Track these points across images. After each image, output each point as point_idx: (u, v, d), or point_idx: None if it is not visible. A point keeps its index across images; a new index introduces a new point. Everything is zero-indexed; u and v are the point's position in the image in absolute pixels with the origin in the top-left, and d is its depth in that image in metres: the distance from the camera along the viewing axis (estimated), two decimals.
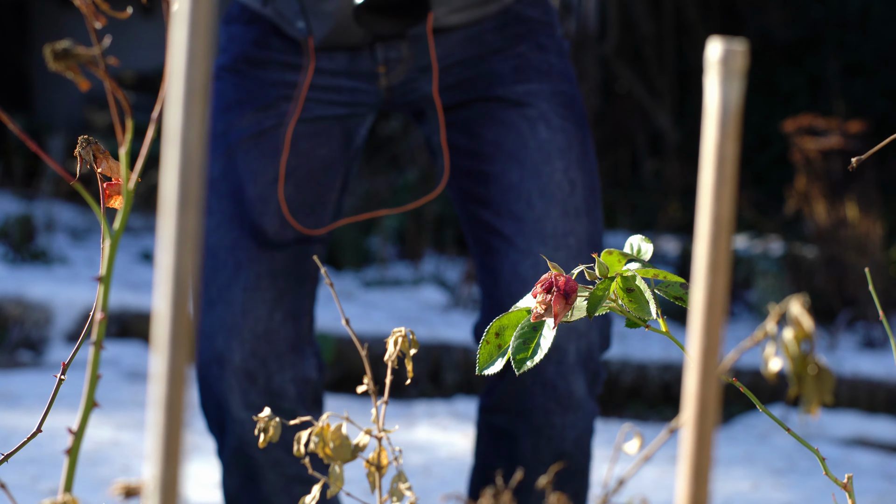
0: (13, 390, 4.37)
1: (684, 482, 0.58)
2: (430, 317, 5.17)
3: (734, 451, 4.05)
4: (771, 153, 8.66)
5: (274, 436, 1.08)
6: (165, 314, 0.58)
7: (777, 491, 3.65)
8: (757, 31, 8.84)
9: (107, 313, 0.72)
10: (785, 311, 0.64)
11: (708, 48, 0.59)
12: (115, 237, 0.73)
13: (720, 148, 0.58)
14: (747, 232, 7.40)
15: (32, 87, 10.50)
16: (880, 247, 5.71)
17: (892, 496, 3.65)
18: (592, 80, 7.06)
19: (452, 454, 3.82)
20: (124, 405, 4.20)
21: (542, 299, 0.90)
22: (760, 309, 5.78)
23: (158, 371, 0.58)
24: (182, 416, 0.57)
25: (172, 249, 0.58)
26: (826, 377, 0.66)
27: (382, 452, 1.06)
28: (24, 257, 6.30)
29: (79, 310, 5.26)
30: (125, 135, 0.74)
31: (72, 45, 0.73)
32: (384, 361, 1.08)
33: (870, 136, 5.76)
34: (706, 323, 0.58)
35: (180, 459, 0.57)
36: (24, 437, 1.15)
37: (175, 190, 0.58)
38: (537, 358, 0.91)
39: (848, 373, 4.74)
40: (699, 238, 0.59)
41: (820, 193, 5.68)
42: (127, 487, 0.68)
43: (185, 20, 0.57)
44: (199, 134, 0.58)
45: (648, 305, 0.89)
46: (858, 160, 1.05)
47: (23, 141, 2.43)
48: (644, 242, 0.94)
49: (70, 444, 0.72)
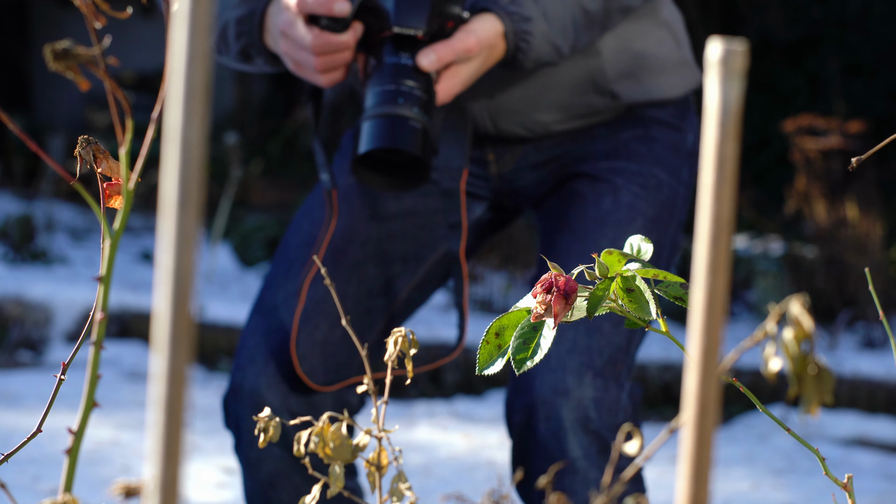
0: (13, 390, 4.37)
1: (684, 482, 0.58)
2: (430, 317, 5.17)
3: (734, 451, 4.05)
4: (771, 153, 8.66)
5: (274, 436, 1.08)
6: (165, 314, 0.58)
7: (777, 491, 3.65)
8: (757, 31, 8.84)
9: (107, 313, 0.72)
10: (785, 311, 0.64)
11: (708, 48, 0.59)
12: (115, 237, 0.73)
13: (720, 148, 0.58)
14: (747, 232, 7.40)
15: (32, 87, 10.50)
16: (880, 247, 5.71)
17: (892, 496, 3.65)
18: None
19: (452, 454, 3.82)
20: (124, 405, 4.20)
21: (542, 299, 0.90)
22: (760, 309, 5.78)
23: (158, 371, 0.58)
24: (182, 416, 0.57)
25: (172, 249, 0.58)
26: (826, 377, 0.66)
27: (382, 452, 1.06)
28: (24, 257, 6.30)
29: (79, 310, 5.26)
30: (125, 135, 0.74)
31: (72, 45, 0.73)
32: (384, 361, 1.08)
33: (870, 136, 5.76)
34: (706, 323, 0.58)
35: (180, 459, 0.57)
36: (24, 437, 1.15)
37: (175, 190, 0.58)
38: (537, 358, 0.91)
39: (848, 373, 4.74)
40: (699, 238, 0.58)
41: (820, 193, 5.68)
42: (127, 487, 0.68)
43: (185, 20, 0.57)
44: (199, 134, 0.58)
45: (648, 305, 0.89)
46: (858, 160, 1.05)
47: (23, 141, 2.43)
48: (644, 242, 0.94)
49: (70, 444, 0.72)
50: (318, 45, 1.68)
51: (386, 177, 1.69)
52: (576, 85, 1.86)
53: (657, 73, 1.89)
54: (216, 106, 9.81)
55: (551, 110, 1.87)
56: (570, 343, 1.72)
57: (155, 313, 0.59)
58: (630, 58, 1.87)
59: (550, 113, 1.87)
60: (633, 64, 1.88)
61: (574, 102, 1.87)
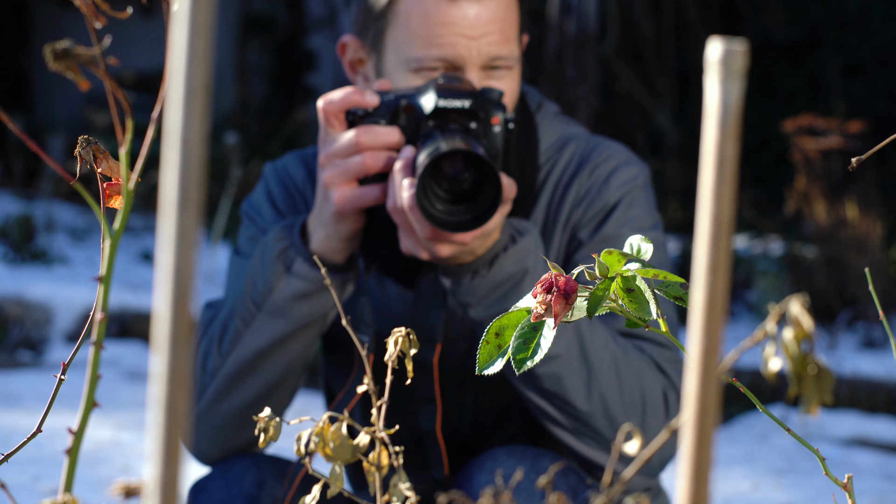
0: (13, 390, 4.37)
1: (684, 482, 0.58)
2: None
3: (734, 451, 4.05)
4: (771, 153, 8.67)
5: (274, 436, 1.08)
6: (165, 314, 0.58)
7: (777, 491, 3.65)
8: (757, 31, 8.84)
9: (107, 313, 0.72)
10: (785, 311, 0.64)
11: (708, 48, 0.59)
12: (115, 237, 0.73)
13: (720, 148, 0.58)
14: (747, 232, 7.40)
15: (32, 87, 10.50)
16: (880, 247, 5.71)
17: (892, 496, 3.65)
18: (592, 80, 7.06)
19: None
20: (124, 405, 4.20)
21: (542, 299, 0.90)
22: (760, 309, 5.78)
23: (158, 371, 0.58)
24: (182, 416, 0.57)
25: (172, 249, 0.58)
26: (826, 377, 0.66)
27: (382, 452, 1.06)
28: (24, 257, 6.30)
29: (79, 310, 5.26)
30: (125, 135, 0.74)
31: (72, 45, 0.73)
32: (384, 361, 1.08)
33: (870, 136, 5.76)
34: (706, 323, 0.58)
35: (180, 459, 0.57)
36: (24, 437, 1.15)
37: (175, 190, 0.58)
38: (537, 358, 0.91)
39: (848, 373, 4.74)
40: (699, 238, 0.58)
41: (820, 193, 5.68)
42: (127, 487, 0.68)
43: (185, 20, 0.57)
44: (199, 134, 0.58)
45: (648, 305, 0.89)
46: (858, 160, 1.05)
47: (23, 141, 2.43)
48: (644, 242, 0.94)
49: (70, 444, 0.72)
50: (363, 135, 1.60)
51: (455, 206, 1.57)
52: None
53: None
54: (216, 106, 9.81)
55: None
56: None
57: (155, 313, 0.58)
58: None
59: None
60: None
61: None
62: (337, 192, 1.62)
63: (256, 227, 1.79)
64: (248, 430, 1.71)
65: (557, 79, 6.89)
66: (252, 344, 1.67)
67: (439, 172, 1.56)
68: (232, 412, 1.69)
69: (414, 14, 1.66)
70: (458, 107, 1.60)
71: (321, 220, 1.65)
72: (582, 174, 1.76)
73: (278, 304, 1.66)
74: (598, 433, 1.66)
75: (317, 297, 1.66)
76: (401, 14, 1.67)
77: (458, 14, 1.65)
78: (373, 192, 1.62)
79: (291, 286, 1.65)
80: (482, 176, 1.55)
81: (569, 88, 6.93)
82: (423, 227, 1.56)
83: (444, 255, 1.59)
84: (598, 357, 1.64)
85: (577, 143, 1.79)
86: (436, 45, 1.66)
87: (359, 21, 1.73)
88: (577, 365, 1.63)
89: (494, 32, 1.67)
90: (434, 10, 1.65)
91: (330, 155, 1.62)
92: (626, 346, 1.67)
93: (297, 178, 1.82)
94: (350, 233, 1.65)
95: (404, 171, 1.59)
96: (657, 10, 9.11)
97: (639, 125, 9.17)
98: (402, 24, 1.67)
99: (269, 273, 1.66)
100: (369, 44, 1.72)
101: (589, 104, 6.91)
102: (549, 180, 1.77)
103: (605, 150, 1.78)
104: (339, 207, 1.62)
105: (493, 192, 1.55)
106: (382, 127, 1.61)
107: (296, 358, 1.69)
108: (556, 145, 1.79)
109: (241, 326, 1.68)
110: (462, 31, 1.65)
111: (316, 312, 1.67)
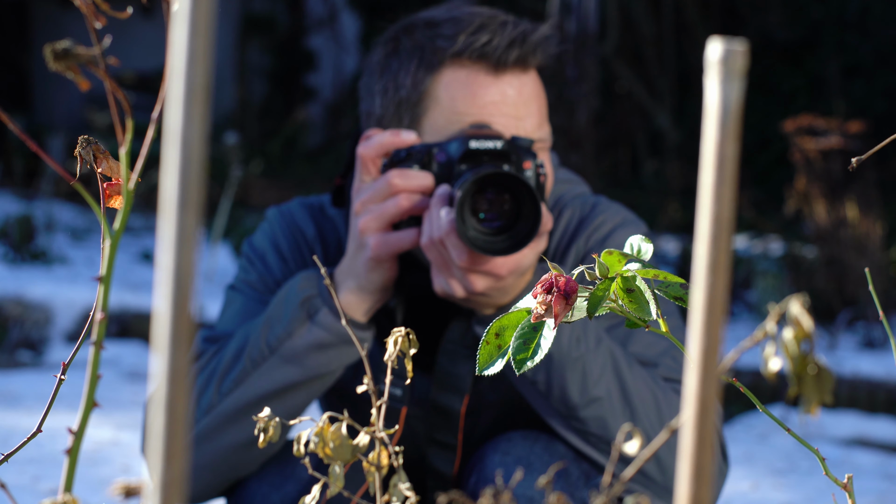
0: (13, 390, 4.37)
1: (684, 482, 0.58)
2: None
3: (734, 451, 4.05)
4: (771, 153, 8.67)
5: (274, 436, 1.08)
6: (165, 314, 0.58)
7: (777, 491, 3.65)
8: (757, 31, 8.84)
9: (107, 313, 0.72)
10: (785, 311, 0.64)
11: (708, 48, 0.59)
12: (115, 237, 0.73)
13: (720, 148, 0.58)
14: (747, 232, 7.40)
15: (32, 87, 10.50)
16: (880, 247, 5.72)
17: (892, 496, 3.65)
18: (592, 80, 7.05)
19: None
20: (124, 405, 4.20)
21: (543, 299, 0.90)
22: (760, 309, 5.78)
23: (158, 371, 0.58)
24: (182, 416, 0.57)
25: (172, 249, 0.58)
26: (826, 377, 0.66)
27: (383, 452, 1.06)
28: (24, 257, 6.30)
29: (79, 310, 5.26)
30: (125, 135, 0.74)
31: (72, 45, 0.73)
32: (383, 361, 1.08)
33: (870, 136, 5.77)
34: (706, 323, 0.58)
35: (180, 459, 0.57)
36: (24, 437, 1.15)
37: (175, 190, 0.58)
38: (537, 358, 0.91)
39: (848, 373, 4.74)
40: (699, 238, 0.58)
41: (820, 193, 5.68)
42: (127, 487, 0.68)
43: (185, 20, 0.57)
44: (199, 134, 0.58)
45: (648, 305, 0.89)
46: (858, 160, 1.05)
47: (23, 141, 2.43)
48: (644, 242, 0.94)
49: (70, 444, 0.72)
50: (398, 177, 1.61)
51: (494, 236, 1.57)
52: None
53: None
54: (216, 106, 9.81)
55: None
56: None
57: (155, 313, 0.58)
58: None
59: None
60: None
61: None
62: (373, 237, 1.61)
63: (257, 273, 1.79)
64: (229, 475, 1.69)
65: (557, 79, 6.88)
66: (258, 386, 1.65)
67: (480, 195, 1.56)
68: (218, 452, 1.67)
69: (459, 97, 1.66)
70: (490, 148, 1.61)
71: (353, 269, 1.64)
72: (579, 239, 1.77)
73: (294, 351, 1.65)
74: (646, 475, 1.65)
75: (335, 350, 1.65)
76: (442, 98, 1.67)
77: (499, 91, 1.66)
78: (409, 236, 1.62)
79: (312, 335, 1.64)
80: (521, 202, 1.56)
81: (569, 88, 6.93)
82: (459, 254, 1.56)
83: (479, 288, 1.58)
84: (640, 399, 1.63)
85: (574, 207, 1.79)
86: (482, 121, 1.67)
87: (387, 113, 1.71)
88: (620, 406, 1.63)
89: (534, 114, 1.68)
90: (480, 90, 1.66)
91: (366, 201, 1.62)
92: (665, 388, 1.67)
93: (307, 232, 1.82)
94: (382, 282, 1.65)
95: (441, 202, 1.59)
96: (657, 10, 9.11)
97: (639, 125, 9.17)
98: (446, 106, 1.67)
99: (290, 318, 1.64)
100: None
101: (589, 104, 6.91)
102: (550, 244, 1.78)
103: (602, 211, 1.78)
104: (376, 253, 1.61)
105: (533, 218, 1.55)
106: (416, 171, 1.62)
107: (296, 409, 1.68)
108: (555, 209, 1.80)
109: (250, 367, 1.66)
110: (508, 112, 1.66)
111: (330, 365, 1.66)
